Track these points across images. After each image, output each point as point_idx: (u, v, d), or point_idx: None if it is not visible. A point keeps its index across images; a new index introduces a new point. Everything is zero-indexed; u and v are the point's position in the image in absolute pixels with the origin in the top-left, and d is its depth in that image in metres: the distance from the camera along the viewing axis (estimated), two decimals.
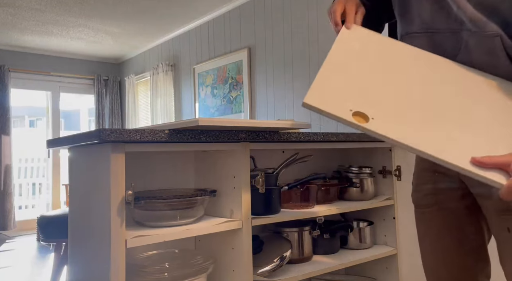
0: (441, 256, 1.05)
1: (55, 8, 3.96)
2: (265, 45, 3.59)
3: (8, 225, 4.90)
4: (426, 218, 1.07)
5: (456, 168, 0.73)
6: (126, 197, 1.06)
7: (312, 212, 1.45)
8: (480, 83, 0.89)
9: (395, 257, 1.72)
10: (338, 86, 0.84)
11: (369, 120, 0.77)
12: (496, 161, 0.72)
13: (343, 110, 0.78)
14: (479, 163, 0.72)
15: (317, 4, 3.12)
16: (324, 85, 0.83)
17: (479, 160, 0.73)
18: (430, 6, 0.95)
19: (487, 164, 0.72)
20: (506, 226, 0.87)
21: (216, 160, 1.40)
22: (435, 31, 0.95)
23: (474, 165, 0.72)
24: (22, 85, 5.31)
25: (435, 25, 0.94)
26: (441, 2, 0.92)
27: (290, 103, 3.36)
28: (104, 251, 1.06)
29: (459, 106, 0.84)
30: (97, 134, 1.01)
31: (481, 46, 0.87)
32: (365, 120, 0.77)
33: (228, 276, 1.33)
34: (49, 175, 5.53)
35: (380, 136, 0.76)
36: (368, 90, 0.84)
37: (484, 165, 0.72)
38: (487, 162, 0.72)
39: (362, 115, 0.78)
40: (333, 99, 0.80)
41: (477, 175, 0.72)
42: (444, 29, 0.93)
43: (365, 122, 0.76)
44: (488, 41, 0.85)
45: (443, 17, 0.93)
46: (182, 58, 4.72)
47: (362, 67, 0.90)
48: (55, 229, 1.88)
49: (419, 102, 0.84)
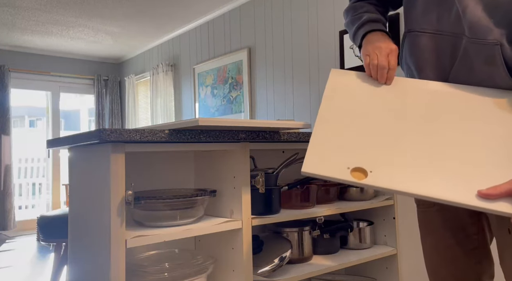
0: (443, 256, 1.05)
1: (55, 8, 3.96)
2: (265, 45, 3.59)
3: (8, 225, 4.90)
4: (427, 218, 1.07)
5: (464, 206, 0.73)
6: (126, 197, 1.06)
7: (312, 212, 1.45)
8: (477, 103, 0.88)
9: (395, 257, 1.72)
10: (333, 146, 0.84)
11: (367, 174, 0.78)
12: (502, 191, 0.72)
13: (341, 170, 0.79)
14: (485, 196, 0.72)
15: (317, 4, 3.12)
16: (319, 148, 0.84)
17: (485, 193, 0.72)
18: (437, 7, 0.94)
19: (493, 196, 0.72)
20: (507, 227, 0.87)
21: (216, 160, 1.40)
22: (438, 33, 0.94)
23: (481, 198, 0.72)
24: (22, 85, 5.31)
25: (440, 26, 0.93)
26: (448, 3, 0.92)
27: (290, 103, 3.36)
28: (104, 251, 1.06)
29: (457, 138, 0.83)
30: (97, 134, 1.01)
31: (480, 54, 0.86)
32: (364, 174, 0.78)
33: (228, 276, 1.33)
34: (49, 175, 5.53)
35: (380, 189, 0.76)
36: (364, 142, 0.84)
37: (490, 196, 0.72)
38: (493, 194, 0.72)
39: (360, 170, 0.79)
40: (330, 161, 0.81)
41: (486, 209, 0.71)
42: (448, 32, 0.92)
43: (364, 177, 0.77)
44: (487, 49, 0.85)
45: (449, 19, 0.92)
46: (182, 58, 4.72)
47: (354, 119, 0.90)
48: (55, 229, 1.88)
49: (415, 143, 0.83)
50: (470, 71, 0.90)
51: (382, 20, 1.09)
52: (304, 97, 3.23)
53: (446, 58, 0.93)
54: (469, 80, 0.91)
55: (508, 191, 0.71)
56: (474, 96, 0.90)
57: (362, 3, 1.13)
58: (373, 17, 1.07)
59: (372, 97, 0.94)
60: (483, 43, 0.85)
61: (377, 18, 1.08)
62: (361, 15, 1.09)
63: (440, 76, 0.96)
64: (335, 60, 2.99)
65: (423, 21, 0.97)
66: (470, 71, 0.90)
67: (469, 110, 0.88)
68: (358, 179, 0.77)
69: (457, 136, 0.83)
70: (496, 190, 0.72)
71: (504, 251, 0.90)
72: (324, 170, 0.79)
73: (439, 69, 0.96)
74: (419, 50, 0.98)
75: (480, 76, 0.89)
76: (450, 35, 0.91)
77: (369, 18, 1.07)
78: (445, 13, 0.92)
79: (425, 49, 0.97)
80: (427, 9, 0.96)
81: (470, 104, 0.88)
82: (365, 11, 1.10)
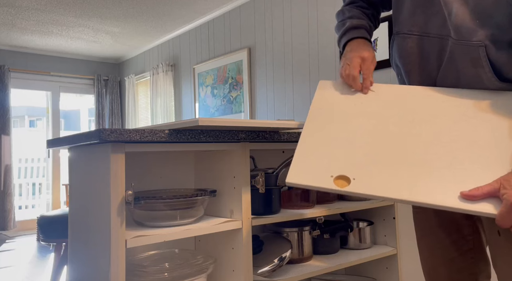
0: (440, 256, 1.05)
1: (55, 8, 3.96)
2: (265, 45, 3.59)
3: (8, 225, 4.90)
4: (423, 219, 1.07)
5: (447, 209, 0.72)
6: (126, 197, 1.06)
7: (312, 212, 1.45)
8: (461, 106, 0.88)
9: (395, 257, 1.72)
10: (317, 156, 0.85)
11: (350, 181, 0.78)
12: (485, 191, 0.71)
13: (324, 178, 0.80)
14: (468, 197, 0.71)
15: (317, 4, 3.12)
16: (303, 159, 0.85)
17: (468, 194, 0.71)
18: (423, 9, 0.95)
19: (477, 197, 0.71)
20: (497, 230, 0.86)
21: (216, 160, 1.40)
22: (425, 35, 0.94)
23: (464, 200, 0.71)
24: (22, 85, 5.31)
25: (426, 29, 0.94)
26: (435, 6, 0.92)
27: (290, 103, 3.36)
28: (104, 251, 1.06)
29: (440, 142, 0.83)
30: (97, 134, 1.01)
31: (466, 56, 0.86)
32: (347, 182, 0.79)
33: (228, 276, 1.33)
34: (49, 175, 5.53)
35: (363, 195, 0.76)
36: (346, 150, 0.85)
37: (474, 198, 0.71)
38: (476, 195, 0.71)
39: (343, 178, 0.79)
40: (313, 170, 0.82)
41: (470, 211, 0.71)
42: (434, 34, 0.92)
43: (347, 185, 0.78)
44: (472, 51, 0.85)
45: (435, 22, 0.92)
46: (182, 58, 4.72)
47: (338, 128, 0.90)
48: (55, 229, 1.88)
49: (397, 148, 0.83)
50: (457, 73, 0.90)
51: (364, 26, 1.08)
52: (304, 97, 3.23)
53: (433, 60, 0.93)
54: (456, 81, 0.91)
55: (491, 192, 0.71)
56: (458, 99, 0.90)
57: (350, 7, 1.13)
58: (354, 24, 1.08)
59: (355, 105, 0.96)
60: (468, 44, 0.85)
61: (359, 24, 1.08)
62: (345, 22, 1.10)
63: (427, 78, 0.96)
64: (335, 60, 2.99)
65: (410, 23, 0.97)
66: (457, 73, 0.90)
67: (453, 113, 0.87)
68: (341, 186, 0.78)
69: (441, 140, 0.83)
70: (478, 191, 0.71)
71: (496, 253, 0.89)
72: (307, 179, 0.80)
73: (426, 71, 0.96)
74: (406, 52, 0.98)
75: (467, 77, 0.89)
76: (436, 37, 0.92)
77: (351, 25, 1.08)
78: (431, 15, 0.92)
79: (412, 52, 0.97)
80: (414, 11, 0.96)
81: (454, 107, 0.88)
82: (349, 17, 1.10)
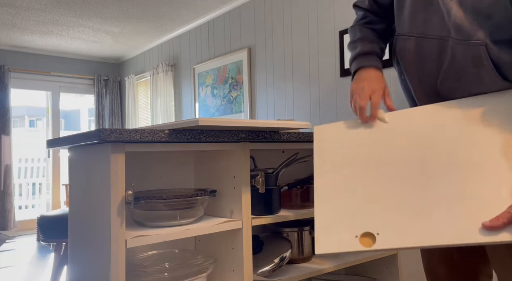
0: (441, 256, 1.05)
1: (55, 8, 3.96)
2: (265, 45, 3.59)
3: (8, 225, 4.90)
4: None
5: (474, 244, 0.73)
6: (126, 197, 1.06)
7: (312, 212, 1.45)
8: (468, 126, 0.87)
9: (395, 257, 1.72)
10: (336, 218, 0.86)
11: (375, 238, 0.80)
12: (505, 220, 0.71)
13: (350, 241, 0.81)
14: (490, 228, 0.72)
15: (317, 4, 3.12)
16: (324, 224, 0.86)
17: (490, 225, 0.72)
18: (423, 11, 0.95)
19: (498, 227, 0.72)
20: None
21: (216, 160, 1.40)
22: (424, 37, 0.95)
23: (487, 231, 0.72)
24: (22, 85, 5.31)
25: (426, 30, 0.94)
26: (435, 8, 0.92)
27: (290, 103, 3.36)
28: (104, 251, 1.06)
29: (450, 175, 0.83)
30: (97, 134, 1.01)
31: (467, 56, 0.86)
32: (371, 239, 0.80)
33: (228, 276, 1.33)
34: (49, 175, 5.53)
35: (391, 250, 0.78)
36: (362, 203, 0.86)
37: (495, 228, 0.72)
38: (496, 225, 0.72)
39: (368, 235, 0.81)
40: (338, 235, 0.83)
41: (495, 242, 0.71)
42: (434, 35, 0.92)
43: (372, 242, 0.79)
44: (473, 50, 0.85)
45: (435, 23, 0.92)
46: (182, 58, 4.72)
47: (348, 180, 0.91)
48: (55, 229, 1.88)
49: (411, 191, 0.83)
50: (459, 74, 0.90)
51: (375, 51, 1.08)
52: (304, 97, 3.23)
53: (434, 62, 0.93)
54: (457, 83, 0.91)
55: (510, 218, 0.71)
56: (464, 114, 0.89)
57: (361, 26, 1.13)
58: (366, 49, 1.07)
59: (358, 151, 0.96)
60: (469, 43, 0.85)
61: (370, 50, 1.07)
62: (355, 45, 1.10)
63: (428, 80, 0.96)
64: (335, 60, 2.99)
65: (410, 25, 0.97)
66: (459, 74, 0.90)
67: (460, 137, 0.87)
68: (368, 246, 0.79)
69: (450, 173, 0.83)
70: (499, 220, 0.72)
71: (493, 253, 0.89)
72: (335, 247, 0.82)
73: (426, 73, 0.96)
74: (407, 54, 0.99)
75: (468, 78, 0.89)
76: (436, 38, 0.92)
77: (362, 50, 1.08)
78: (431, 16, 0.93)
79: (412, 53, 0.97)
80: (414, 13, 0.96)
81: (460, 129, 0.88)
82: (360, 39, 1.10)
